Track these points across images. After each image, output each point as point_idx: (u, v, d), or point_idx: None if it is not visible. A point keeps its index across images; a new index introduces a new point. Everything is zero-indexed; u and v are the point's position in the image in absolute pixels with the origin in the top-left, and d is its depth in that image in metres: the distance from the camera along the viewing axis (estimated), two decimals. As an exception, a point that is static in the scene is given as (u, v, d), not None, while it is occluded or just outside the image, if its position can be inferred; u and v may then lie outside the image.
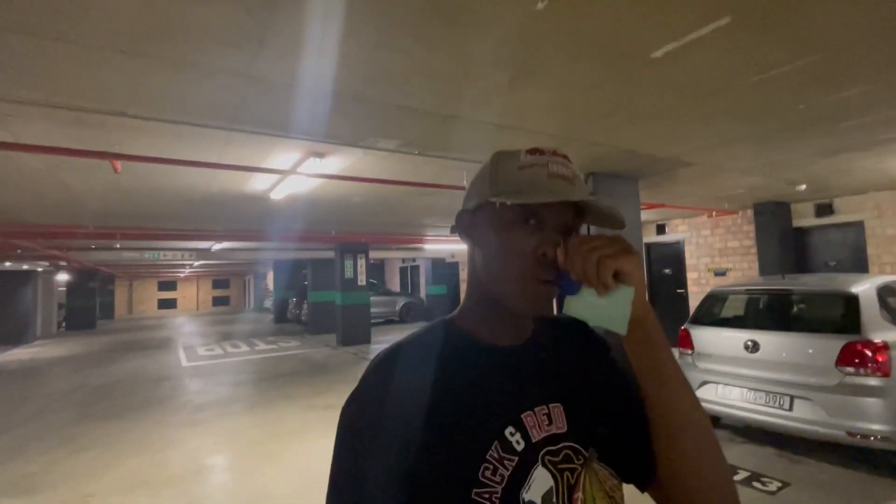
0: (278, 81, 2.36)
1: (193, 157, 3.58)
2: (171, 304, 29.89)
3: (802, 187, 5.89)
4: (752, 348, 3.60)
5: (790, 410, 3.34)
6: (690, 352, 4.02)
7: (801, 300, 3.98)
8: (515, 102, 2.78)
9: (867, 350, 3.09)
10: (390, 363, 0.63)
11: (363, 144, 3.48)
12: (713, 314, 4.24)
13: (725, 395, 3.72)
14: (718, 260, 8.17)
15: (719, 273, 8.09)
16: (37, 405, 6.03)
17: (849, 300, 3.43)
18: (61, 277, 16.16)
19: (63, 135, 3.02)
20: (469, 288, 0.70)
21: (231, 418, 5.12)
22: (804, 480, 3.15)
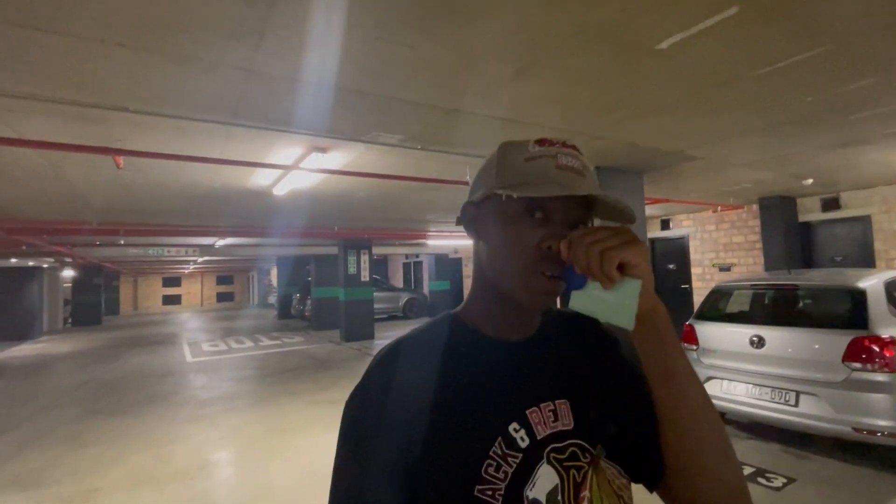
0: (279, 75, 2.34)
1: (195, 153, 3.57)
2: (176, 300, 30.01)
3: (809, 181, 5.83)
4: (758, 344, 3.57)
5: (796, 406, 3.32)
6: (695, 347, 4.00)
7: (808, 295, 3.94)
8: (519, 95, 2.75)
9: (875, 345, 3.06)
10: (394, 358, 0.62)
11: (366, 139, 3.46)
12: (718, 309, 4.21)
13: (730, 391, 3.70)
14: (723, 255, 8.12)
15: (724, 269, 8.04)
16: (43, 400, 6.07)
17: (856, 295, 3.39)
18: (67, 274, 16.26)
19: (65, 130, 3.02)
20: (474, 281, 0.68)
21: (235, 413, 5.14)
22: (810, 476, 3.13)
